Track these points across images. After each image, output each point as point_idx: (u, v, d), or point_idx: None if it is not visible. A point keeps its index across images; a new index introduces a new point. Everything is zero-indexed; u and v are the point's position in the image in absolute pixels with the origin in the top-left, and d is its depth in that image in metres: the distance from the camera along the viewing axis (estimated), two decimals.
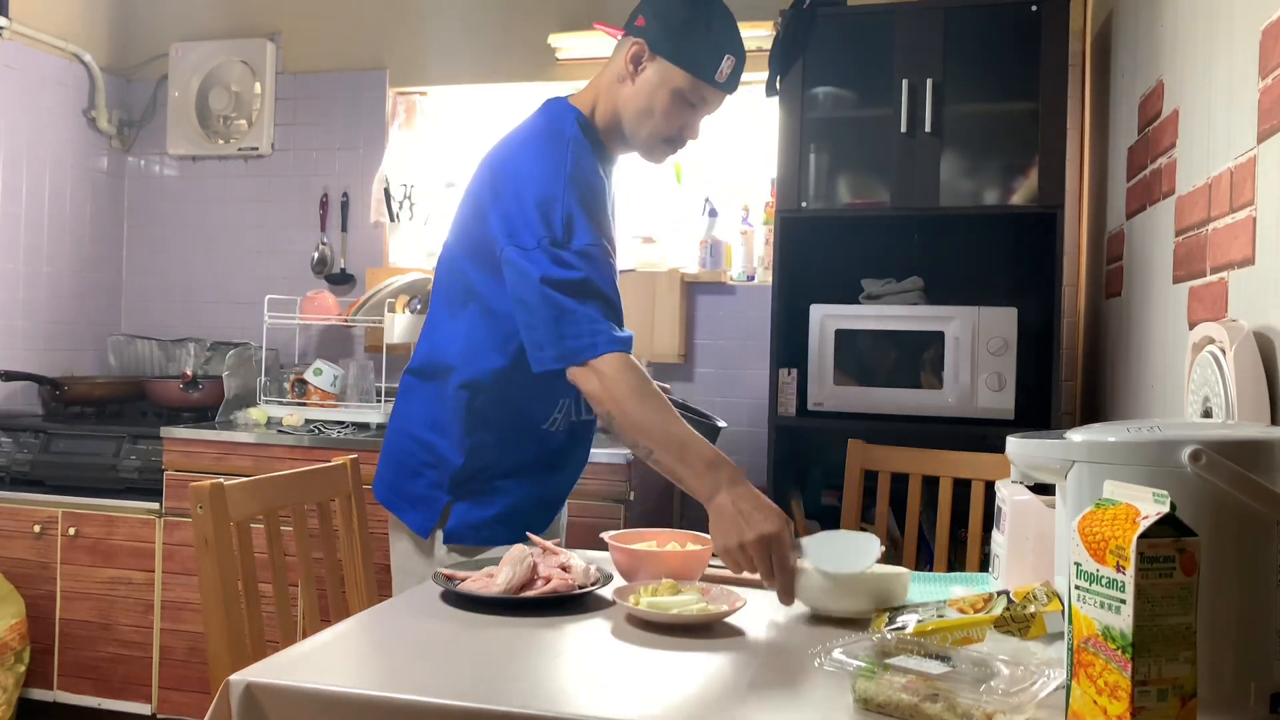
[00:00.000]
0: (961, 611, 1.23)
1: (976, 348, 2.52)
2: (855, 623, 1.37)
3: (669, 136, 1.74)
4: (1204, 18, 1.76)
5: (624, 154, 1.82)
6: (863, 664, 1.04)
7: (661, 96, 1.69)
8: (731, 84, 1.72)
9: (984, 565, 2.12)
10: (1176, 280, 1.87)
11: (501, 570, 1.47)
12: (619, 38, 1.75)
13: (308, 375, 3.20)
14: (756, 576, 1.46)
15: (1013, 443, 1.20)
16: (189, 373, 3.32)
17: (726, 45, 1.68)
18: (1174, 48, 1.95)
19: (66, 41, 3.49)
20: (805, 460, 2.99)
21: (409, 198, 3.54)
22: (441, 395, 1.74)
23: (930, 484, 2.24)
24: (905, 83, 2.56)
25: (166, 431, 2.94)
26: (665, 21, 1.67)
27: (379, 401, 3.14)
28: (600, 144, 1.76)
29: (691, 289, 3.25)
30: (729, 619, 1.38)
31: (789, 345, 2.71)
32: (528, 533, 1.67)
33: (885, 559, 1.54)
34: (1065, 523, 1.13)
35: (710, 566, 1.63)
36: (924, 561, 2.53)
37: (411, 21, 3.52)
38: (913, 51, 2.58)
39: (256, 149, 3.61)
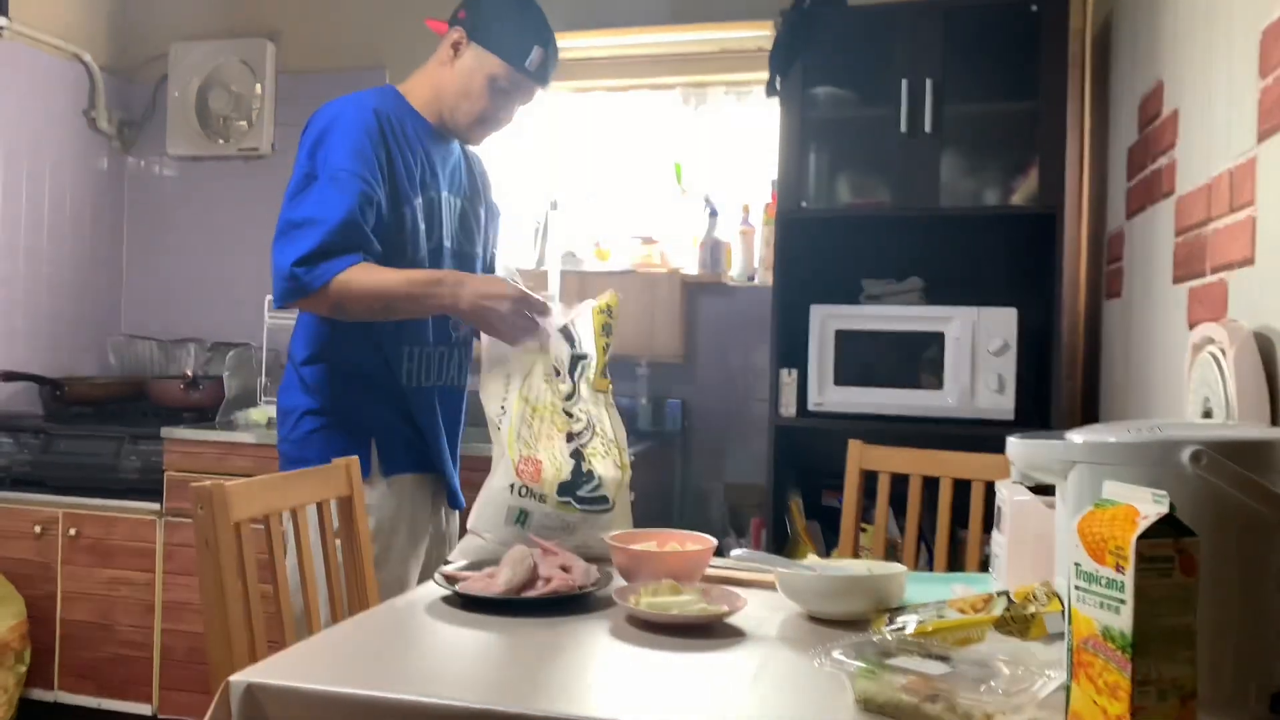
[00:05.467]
0: (961, 612, 1.23)
1: (976, 348, 2.52)
2: (855, 623, 1.37)
3: (484, 118, 1.92)
4: (1204, 18, 1.76)
5: (448, 133, 1.97)
6: (863, 664, 1.04)
7: (478, 80, 1.88)
8: (541, 75, 1.91)
9: (984, 566, 2.12)
10: (1176, 281, 1.87)
11: (502, 570, 1.47)
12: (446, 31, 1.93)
13: None
14: (757, 576, 1.47)
15: (1013, 443, 1.20)
16: (189, 373, 3.32)
17: (537, 37, 1.88)
18: (1174, 48, 1.95)
19: (66, 41, 3.49)
20: (805, 461, 2.99)
21: None
22: None
23: (930, 484, 2.24)
24: (905, 83, 2.56)
25: (167, 432, 2.94)
26: (481, 13, 1.88)
27: None
28: (413, 111, 1.92)
29: (692, 290, 3.25)
30: (729, 619, 1.38)
31: (789, 346, 2.71)
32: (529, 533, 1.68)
33: (885, 559, 1.54)
34: (1065, 523, 1.13)
35: (711, 567, 1.63)
36: (924, 562, 2.53)
37: (412, 21, 3.51)
38: (913, 51, 2.58)
39: (256, 149, 3.61)
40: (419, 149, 1.91)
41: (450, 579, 1.52)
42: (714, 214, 3.19)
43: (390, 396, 1.90)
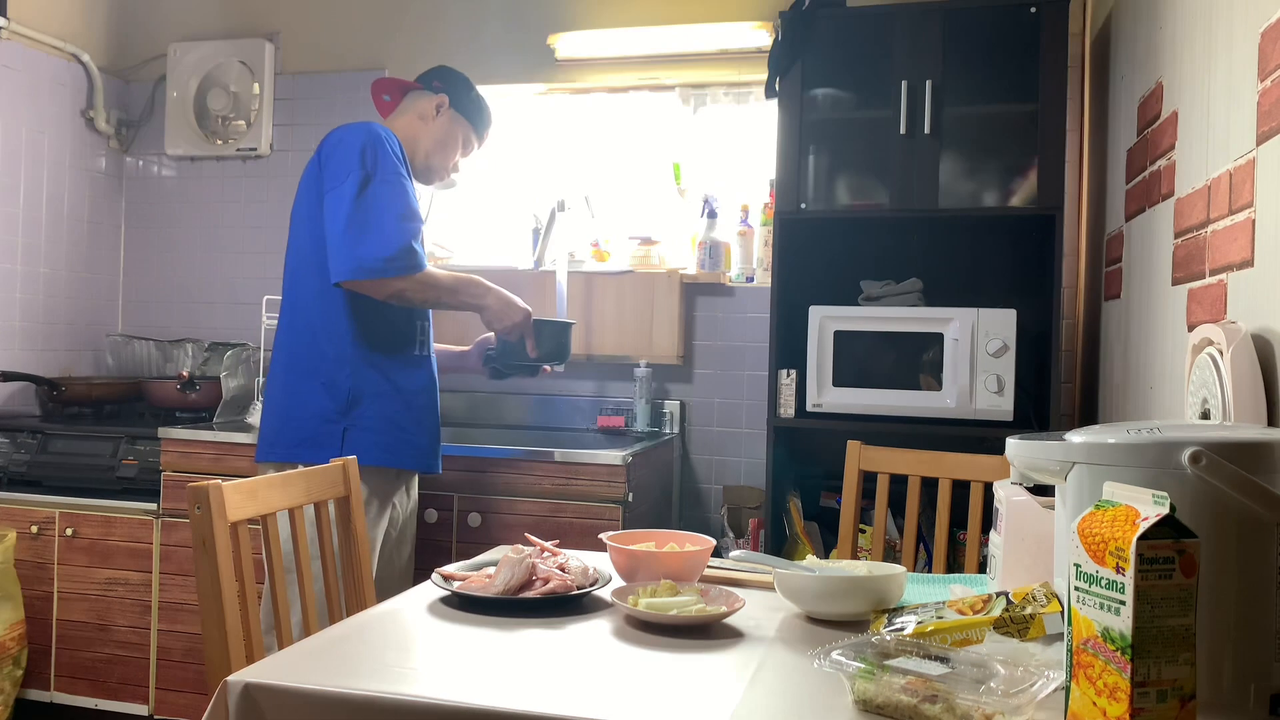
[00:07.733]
0: (960, 613, 1.23)
1: (975, 349, 2.52)
2: (854, 624, 1.37)
3: (447, 166, 2.47)
4: (1203, 19, 1.76)
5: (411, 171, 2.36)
6: (862, 665, 1.04)
7: (453, 136, 2.45)
8: (481, 146, 2.55)
9: (983, 567, 2.12)
10: (1175, 282, 1.87)
11: (500, 571, 1.47)
12: (415, 90, 2.46)
13: None
14: (756, 577, 1.47)
15: (1013, 444, 1.20)
16: (186, 373, 3.32)
17: (489, 123, 2.54)
18: (1174, 49, 1.95)
19: (65, 42, 3.48)
20: (804, 462, 2.99)
21: None
22: None
23: (929, 485, 2.24)
24: (904, 84, 2.56)
25: (164, 432, 2.94)
26: (460, 92, 2.45)
27: None
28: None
29: (690, 290, 3.25)
30: (728, 620, 1.38)
31: (788, 347, 2.71)
32: (526, 534, 1.68)
33: (884, 560, 1.53)
34: (1065, 524, 1.13)
35: (710, 567, 1.63)
36: (923, 563, 2.53)
37: (411, 22, 3.52)
38: (912, 53, 2.58)
39: (255, 149, 3.61)
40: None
41: (448, 579, 1.51)
42: (713, 214, 3.19)
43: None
